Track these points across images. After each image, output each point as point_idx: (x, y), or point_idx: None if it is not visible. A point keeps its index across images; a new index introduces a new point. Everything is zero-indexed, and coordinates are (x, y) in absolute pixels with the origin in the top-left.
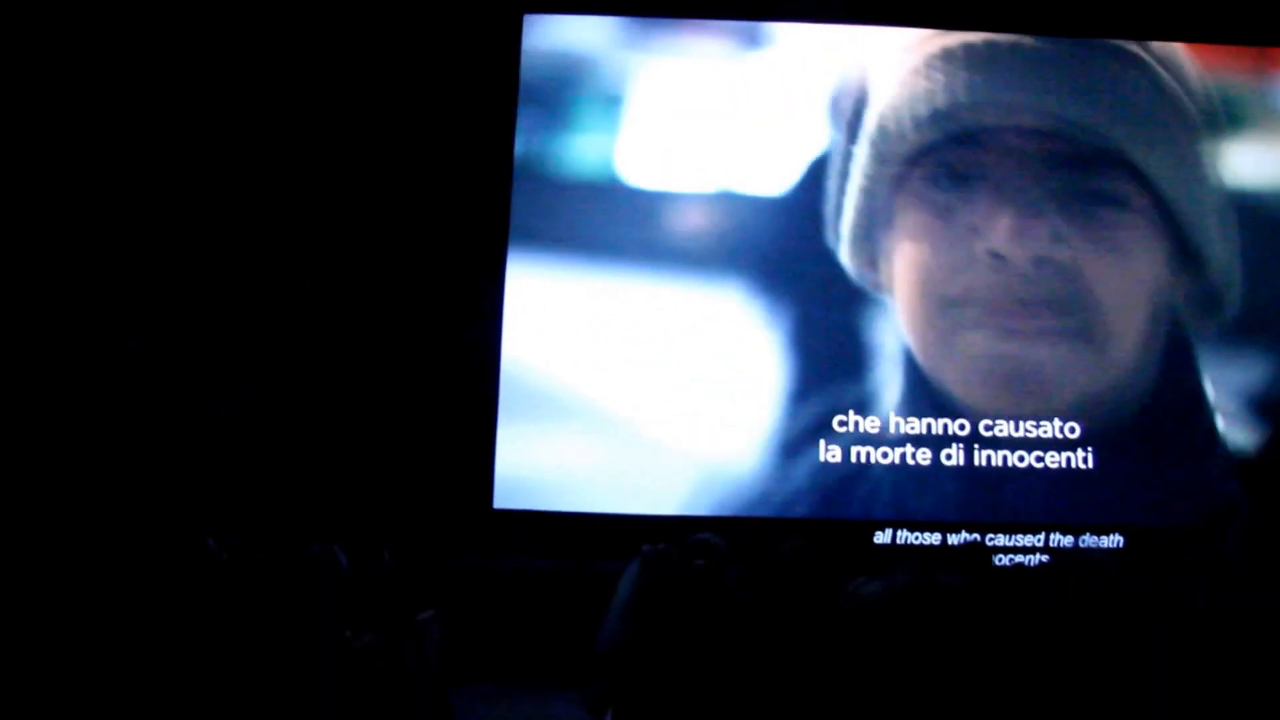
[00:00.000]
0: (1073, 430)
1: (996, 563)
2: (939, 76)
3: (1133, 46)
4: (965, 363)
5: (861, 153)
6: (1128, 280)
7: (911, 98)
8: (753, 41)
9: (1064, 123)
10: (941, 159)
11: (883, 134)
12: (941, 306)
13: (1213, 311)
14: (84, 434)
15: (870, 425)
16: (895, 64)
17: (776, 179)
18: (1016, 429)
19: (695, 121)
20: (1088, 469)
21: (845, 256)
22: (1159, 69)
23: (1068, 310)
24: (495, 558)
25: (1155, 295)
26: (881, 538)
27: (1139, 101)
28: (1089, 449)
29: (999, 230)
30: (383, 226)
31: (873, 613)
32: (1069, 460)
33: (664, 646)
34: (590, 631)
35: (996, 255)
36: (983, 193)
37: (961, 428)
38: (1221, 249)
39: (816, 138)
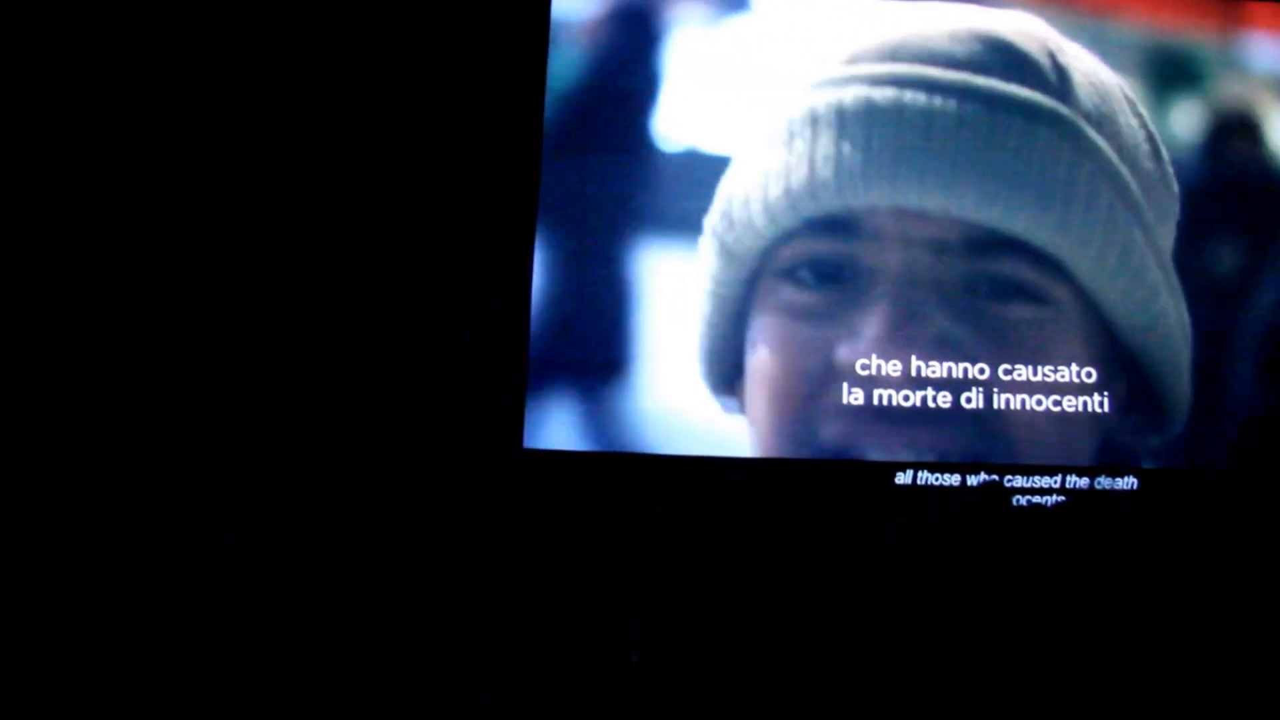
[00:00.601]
0: (1089, 375)
1: (1014, 504)
2: (798, 146)
3: (1054, 104)
4: None
5: (706, 249)
6: (1040, 393)
7: (763, 175)
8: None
9: (956, 200)
10: (800, 251)
11: (727, 223)
12: (799, 440)
13: (1154, 424)
14: (83, 434)
15: (893, 369)
16: (749, 131)
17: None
18: (1035, 374)
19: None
20: (1104, 413)
21: (700, 377)
22: (1086, 127)
23: (958, 437)
24: (522, 547)
25: (1077, 411)
26: (903, 479)
27: (1057, 171)
28: (1105, 394)
29: (869, 338)
30: (393, 210)
31: (905, 547)
32: (1085, 404)
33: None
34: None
35: (865, 368)
36: (850, 291)
37: (981, 372)
38: (1165, 347)
39: None
